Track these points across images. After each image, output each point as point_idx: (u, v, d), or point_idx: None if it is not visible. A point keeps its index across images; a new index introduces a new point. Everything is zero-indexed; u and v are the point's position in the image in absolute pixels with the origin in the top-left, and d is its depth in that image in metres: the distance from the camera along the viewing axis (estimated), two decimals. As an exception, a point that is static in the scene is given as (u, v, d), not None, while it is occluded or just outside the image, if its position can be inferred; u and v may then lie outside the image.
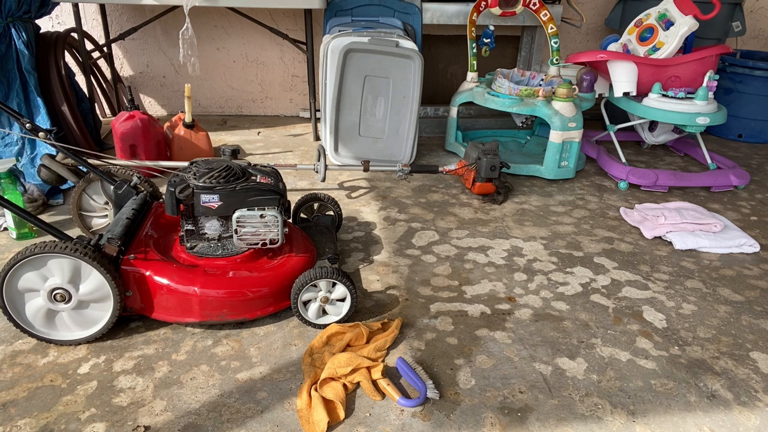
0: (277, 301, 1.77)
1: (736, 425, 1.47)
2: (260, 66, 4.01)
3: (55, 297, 1.60)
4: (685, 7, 3.03)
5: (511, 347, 1.73)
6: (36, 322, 1.63)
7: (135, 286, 1.67)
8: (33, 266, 1.56)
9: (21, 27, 2.69)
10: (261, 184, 1.75)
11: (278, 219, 1.74)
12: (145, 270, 1.67)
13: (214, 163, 1.78)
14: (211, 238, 1.81)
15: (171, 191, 1.68)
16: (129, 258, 1.68)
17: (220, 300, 1.68)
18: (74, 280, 1.59)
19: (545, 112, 2.93)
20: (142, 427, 1.39)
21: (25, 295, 1.60)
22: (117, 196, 2.00)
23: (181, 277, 1.68)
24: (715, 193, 2.99)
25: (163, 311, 1.70)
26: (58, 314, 1.63)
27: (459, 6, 3.43)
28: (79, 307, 1.63)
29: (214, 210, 1.72)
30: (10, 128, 2.69)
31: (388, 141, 3.10)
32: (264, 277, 1.75)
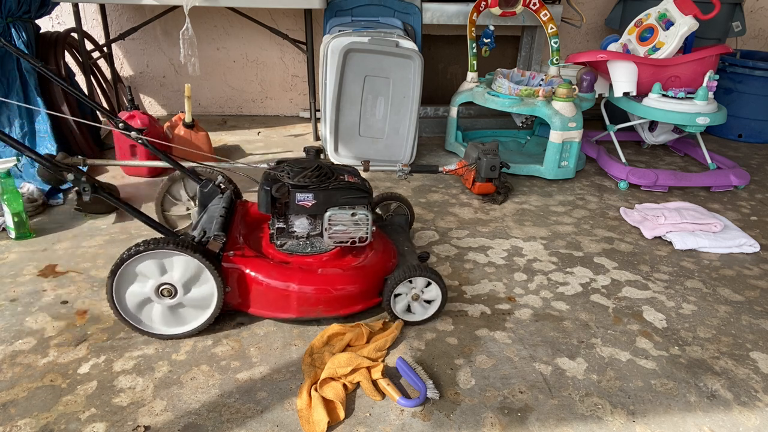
0: (366, 299, 1.80)
1: (736, 425, 1.47)
2: (260, 66, 4.01)
3: (162, 292, 1.64)
4: (685, 7, 3.03)
5: (511, 347, 1.73)
6: (137, 314, 1.67)
7: (234, 282, 1.71)
8: (143, 261, 1.60)
9: (21, 27, 2.69)
10: (351, 184, 1.78)
11: (368, 218, 1.77)
12: (245, 267, 1.70)
13: (304, 162, 1.82)
14: (300, 236, 1.85)
15: (267, 190, 1.71)
16: (229, 255, 1.71)
17: (317, 297, 1.72)
18: (182, 277, 1.63)
19: (545, 112, 2.93)
20: (142, 427, 1.39)
21: (131, 288, 1.63)
22: (202, 195, 2.02)
23: (279, 275, 1.71)
24: (715, 193, 2.99)
25: (261, 307, 1.74)
26: (157, 307, 1.67)
27: (459, 6, 3.43)
28: (180, 304, 1.67)
29: (308, 208, 1.75)
30: (10, 128, 2.69)
31: (388, 141, 3.10)
32: (356, 274, 1.78)
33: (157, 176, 2.90)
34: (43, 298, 1.88)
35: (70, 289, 1.94)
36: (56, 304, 1.86)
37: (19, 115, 2.69)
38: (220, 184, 2.05)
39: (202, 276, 1.64)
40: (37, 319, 1.77)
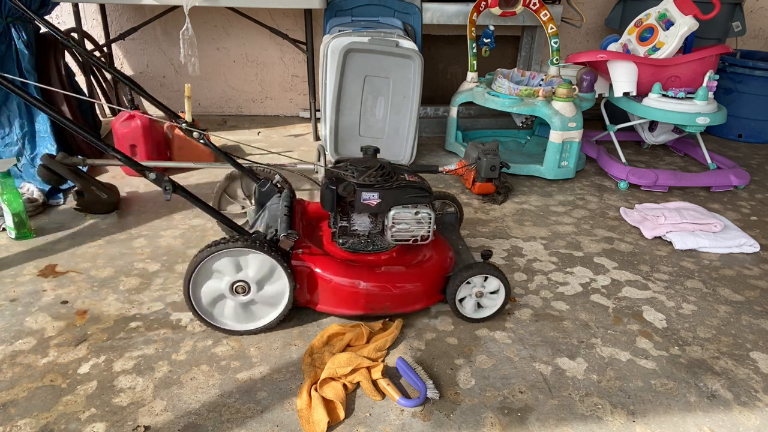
0: (429, 297, 1.84)
1: (736, 425, 1.47)
2: (260, 66, 4.01)
3: (236, 289, 1.67)
4: (685, 7, 3.03)
5: (511, 347, 1.73)
6: (210, 309, 1.70)
7: (303, 280, 1.73)
8: (220, 259, 1.63)
9: (21, 27, 2.69)
10: (414, 183, 1.81)
11: (431, 217, 1.80)
12: (313, 264, 1.73)
13: (366, 162, 1.84)
14: (361, 234, 1.88)
15: (332, 189, 1.74)
16: (298, 253, 1.74)
17: (385, 294, 1.75)
18: (256, 275, 1.66)
19: (545, 112, 2.93)
20: (142, 427, 1.39)
21: (207, 284, 1.66)
22: (260, 194, 2.05)
23: (348, 273, 1.74)
24: (715, 193, 2.99)
25: (329, 304, 1.77)
26: (231, 304, 1.70)
27: (459, 6, 3.43)
28: (252, 301, 1.70)
29: (373, 207, 1.77)
30: (10, 128, 2.69)
31: (388, 141, 3.10)
32: (420, 272, 1.81)
33: (157, 176, 2.90)
34: (43, 298, 1.88)
35: (70, 289, 1.94)
36: (56, 304, 1.86)
37: (20, 115, 2.69)
38: (278, 183, 2.07)
39: (274, 274, 1.67)
40: (37, 319, 1.77)
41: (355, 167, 1.80)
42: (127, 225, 2.40)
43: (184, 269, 2.07)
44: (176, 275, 2.04)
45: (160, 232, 2.35)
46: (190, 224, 2.42)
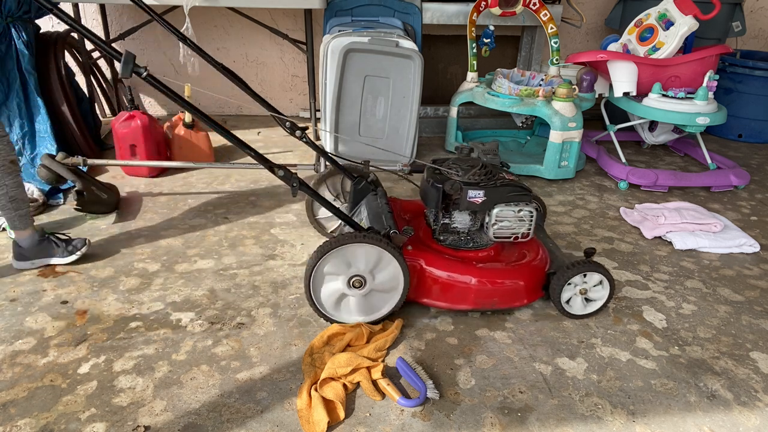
0: (532, 293, 1.88)
1: (736, 425, 1.47)
2: (260, 66, 4.01)
3: (353, 284, 1.71)
4: (685, 7, 3.02)
5: (511, 347, 1.73)
6: (327, 304, 1.75)
7: (413, 274, 1.78)
8: (339, 254, 1.67)
9: (21, 27, 2.69)
10: (515, 181, 1.86)
11: (533, 214, 1.84)
12: (422, 260, 1.79)
13: (468, 160, 1.90)
14: (461, 231, 1.93)
15: (438, 187, 1.80)
16: (408, 248, 1.80)
17: (494, 290, 1.80)
18: (372, 269, 1.71)
19: (545, 112, 2.93)
20: (142, 427, 1.39)
21: (326, 278, 1.71)
22: (356, 192, 2.07)
23: (458, 269, 1.80)
24: (715, 193, 2.99)
25: (437, 299, 1.83)
26: (346, 298, 1.75)
27: (459, 6, 3.43)
28: (367, 294, 1.74)
29: (478, 205, 1.82)
30: (10, 128, 2.69)
31: (388, 141, 3.10)
32: (525, 268, 1.87)
33: (157, 176, 2.90)
34: (43, 298, 1.88)
35: (70, 289, 1.94)
36: (56, 304, 1.86)
37: (20, 115, 2.69)
38: (374, 180, 2.09)
39: (383, 262, 1.70)
40: (37, 319, 1.77)
41: (458, 166, 1.86)
42: (127, 225, 2.40)
43: (184, 269, 2.07)
44: (176, 275, 2.04)
45: (160, 232, 2.35)
46: (190, 224, 2.42)
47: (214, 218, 2.49)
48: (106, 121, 3.65)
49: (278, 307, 1.88)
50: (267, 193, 2.77)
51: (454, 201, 1.84)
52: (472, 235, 1.94)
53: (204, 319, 1.80)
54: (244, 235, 2.35)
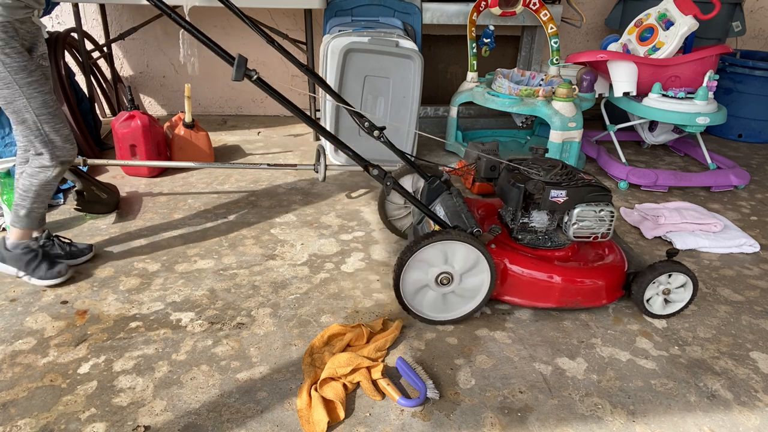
0: (612, 292, 1.90)
1: (736, 425, 1.47)
2: (260, 66, 4.00)
3: (441, 281, 1.73)
4: (685, 7, 3.02)
5: (511, 347, 1.73)
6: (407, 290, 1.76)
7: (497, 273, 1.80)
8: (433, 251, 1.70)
9: (21, 27, 2.69)
10: (595, 182, 1.87)
11: (612, 215, 1.85)
12: (506, 259, 1.82)
13: (548, 161, 1.93)
14: (539, 230, 1.95)
15: (520, 186, 1.83)
16: (492, 247, 1.83)
17: (577, 288, 1.82)
18: (465, 272, 1.74)
19: (545, 112, 2.93)
20: (142, 427, 1.39)
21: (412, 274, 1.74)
22: (429, 191, 2.08)
23: (541, 267, 1.82)
24: (715, 193, 2.99)
25: (520, 296, 1.86)
26: (432, 294, 1.77)
27: (459, 6, 3.43)
28: (448, 294, 1.77)
29: (560, 204, 1.84)
30: (10, 128, 2.69)
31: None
32: (605, 268, 1.89)
33: (157, 176, 2.90)
34: (43, 298, 1.88)
35: (70, 289, 1.94)
36: (56, 304, 1.86)
37: (19, 115, 2.69)
38: (447, 180, 2.10)
39: (477, 267, 1.73)
40: (37, 319, 1.77)
41: (539, 166, 1.89)
42: (127, 225, 2.40)
43: (184, 269, 2.07)
44: (176, 275, 2.04)
45: (160, 232, 2.35)
46: (190, 224, 2.42)
47: (214, 218, 2.49)
48: (106, 121, 3.65)
49: (278, 307, 1.88)
50: (267, 193, 2.77)
51: (535, 200, 1.86)
52: (550, 234, 1.96)
53: (204, 319, 1.80)
54: (244, 235, 2.35)
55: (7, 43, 1.66)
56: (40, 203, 1.91)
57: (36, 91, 1.75)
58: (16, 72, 1.70)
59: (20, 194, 1.87)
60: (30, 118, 1.76)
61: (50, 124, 1.80)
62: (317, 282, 2.04)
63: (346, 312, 1.87)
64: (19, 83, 1.71)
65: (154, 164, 2.81)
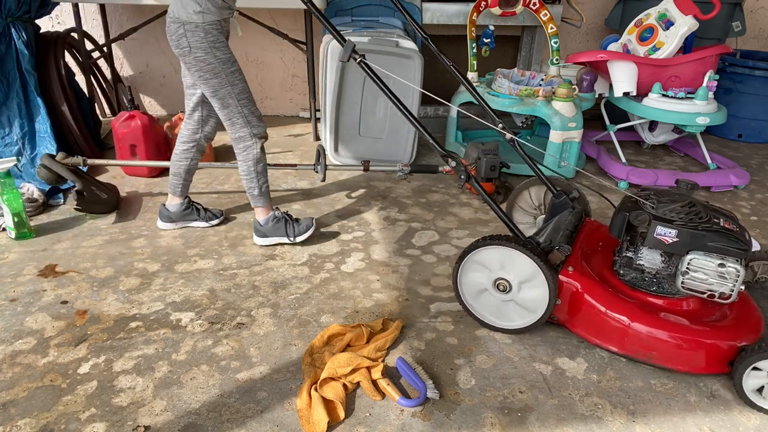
0: (709, 363, 1.59)
1: (736, 425, 1.47)
2: (260, 66, 4.01)
3: (498, 286, 1.71)
4: (685, 7, 3.02)
5: (511, 347, 1.73)
6: (467, 292, 1.79)
7: (567, 297, 1.70)
8: (492, 254, 1.69)
9: (21, 27, 2.69)
10: (725, 229, 1.60)
11: (739, 274, 1.55)
12: (581, 286, 1.68)
13: (675, 195, 1.69)
14: (647, 270, 1.72)
15: (625, 215, 1.66)
16: (568, 270, 1.70)
17: (652, 341, 1.60)
18: (523, 281, 1.68)
19: (545, 112, 2.93)
20: (142, 427, 1.39)
21: (471, 276, 1.75)
22: (553, 205, 2.03)
23: (618, 306, 1.63)
24: (715, 193, 2.99)
25: (587, 331, 1.71)
26: (489, 297, 1.76)
27: (459, 6, 3.42)
28: (511, 301, 1.73)
29: (667, 245, 1.61)
30: (10, 128, 2.69)
31: (388, 141, 3.10)
32: (705, 331, 1.59)
33: (157, 176, 2.90)
34: (43, 298, 1.88)
35: (70, 289, 1.94)
36: (56, 304, 1.86)
37: (19, 115, 2.69)
38: (575, 198, 2.03)
39: (536, 280, 1.65)
40: (37, 319, 1.77)
41: (658, 198, 1.66)
42: (127, 225, 2.40)
43: (184, 269, 2.07)
44: (176, 275, 2.04)
45: (160, 232, 2.35)
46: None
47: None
48: (106, 121, 3.65)
49: (278, 307, 1.88)
50: (267, 193, 2.76)
51: (641, 234, 1.65)
52: (660, 278, 1.71)
53: (204, 319, 1.80)
54: (244, 235, 2.35)
55: (217, 38, 1.96)
56: (264, 178, 2.18)
57: (237, 79, 2.02)
58: (223, 63, 1.98)
59: (245, 178, 2.15)
60: (233, 103, 2.02)
61: (248, 107, 2.05)
62: (317, 282, 2.04)
63: (346, 312, 1.87)
64: (225, 73, 1.98)
65: (154, 164, 2.81)
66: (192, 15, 1.89)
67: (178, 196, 2.33)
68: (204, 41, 1.92)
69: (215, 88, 1.99)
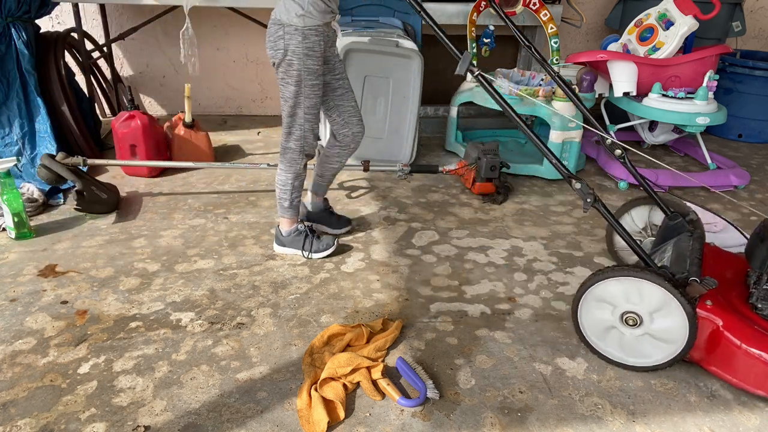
0: None
1: (736, 425, 1.47)
2: (260, 66, 4.00)
3: (626, 320, 1.58)
4: (685, 7, 3.02)
5: (511, 347, 1.73)
6: (590, 330, 1.67)
7: (703, 333, 1.55)
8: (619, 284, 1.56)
9: (21, 27, 2.69)
10: None
11: None
12: (721, 321, 1.53)
13: None
14: None
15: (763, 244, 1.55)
16: (706, 304, 1.55)
17: None
18: (653, 311, 1.55)
19: (545, 112, 2.94)
20: (142, 427, 1.39)
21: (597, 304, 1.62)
22: (666, 228, 1.88)
23: (764, 344, 1.49)
24: (715, 193, 2.99)
25: (728, 371, 1.55)
26: (616, 332, 1.62)
27: (459, 6, 3.43)
28: (642, 337, 1.59)
29: None
30: (10, 128, 2.69)
31: (388, 141, 3.10)
32: None
33: (157, 176, 2.90)
34: (43, 298, 1.88)
35: (70, 289, 1.94)
36: (56, 304, 1.86)
37: (19, 115, 2.69)
38: (692, 220, 1.88)
39: (672, 315, 1.52)
40: (37, 319, 1.77)
41: None
42: (127, 225, 2.40)
43: (184, 269, 2.07)
44: (176, 275, 2.04)
45: (160, 232, 2.35)
46: (189, 224, 2.42)
47: (214, 218, 2.49)
48: (106, 121, 3.64)
49: (278, 307, 1.88)
50: (267, 193, 2.77)
51: None
52: None
53: (204, 319, 1.80)
54: (244, 235, 2.35)
55: (315, 44, 1.89)
56: (297, 193, 2.15)
57: (313, 93, 1.96)
58: (309, 74, 1.91)
59: (280, 189, 2.13)
60: (299, 114, 1.98)
61: (311, 123, 2.01)
62: (317, 282, 2.04)
63: (346, 312, 1.87)
64: (305, 84, 1.93)
65: (154, 164, 2.81)
66: (293, 18, 1.84)
67: (319, 196, 2.37)
68: (300, 45, 1.86)
69: (290, 95, 1.95)
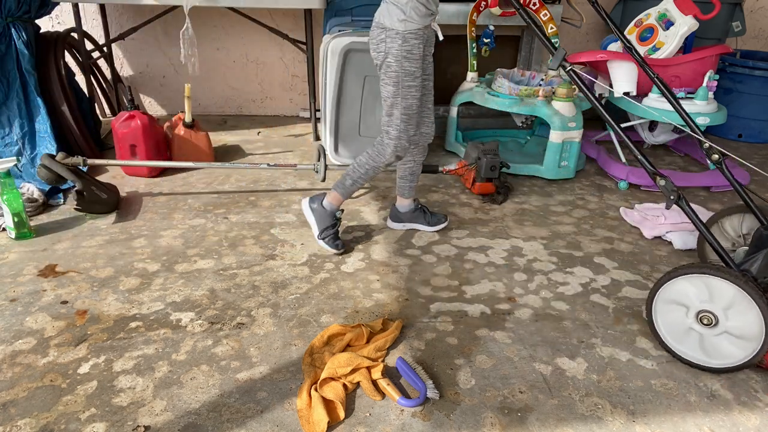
0: None
1: (736, 425, 1.47)
2: (260, 66, 4.01)
3: (701, 319, 1.60)
4: (685, 7, 3.02)
5: (511, 347, 1.73)
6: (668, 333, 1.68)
7: None
8: (693, 282, 1.58)
9: (21, 27, 2.69)
10: None
11: None
12: None
13: None
14: None
15: None
16: None
17: None
18: (729, 309, 1.56)
19: (545, 112, 2.93)
20: (142, 427, 1.39)
21: (672, 306, 1.64)
22: (762, 237, 1.86)
23: None
24: (715, 193, 2.99)
25: None
26: (693, 333, 1.64)
27: (459, 6, 3.42)
28: (718, 337, 1.60)
29: None
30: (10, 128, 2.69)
31: (388, 141, 3.09)
32: None
33: (157, 176, 2.90)
34: (43, 298, 1.88)
35: (70, 289, 1.94)
36: (56, 304, 1.86)
37: (19, 115, 2.70)
38: None
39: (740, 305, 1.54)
40: (37, 319, 1.77)
41: None
42: (127, 225, 2.40)
43: (184, 269, 2.07)
44: (176, 275, 2.04)
45: (160, 232, 2.35)
46: (190, 224, 2.42)
47: (214, 218, 2.49)
48: (106, 121, 3.65)
49: (278, 307, 1.88)
50: (267, 193, 2.77)
51: None
52: None
53: (204, 319, 1.80)
54: (244, 235, 2.35)
55: (414, 47, 1.93)
56: (362, 181, 2.18)
57: (410, 94, 2.00)
58: (406, 75, 1.96)
59: (355, 166, 2.16)
60: (396, 114, 2.03)
61: (407, 124, 2.05)
62: (317, 282, 2.04)
63: (346, 312, 1.87)
64: (403, 85, 1.98)
65: (154, 164, 2.81)
66: (395, 22, 1.89)
67: (407, 198, 2.38)
68: (400, 49, 1.92)
69: (389, 95, 2.01)
